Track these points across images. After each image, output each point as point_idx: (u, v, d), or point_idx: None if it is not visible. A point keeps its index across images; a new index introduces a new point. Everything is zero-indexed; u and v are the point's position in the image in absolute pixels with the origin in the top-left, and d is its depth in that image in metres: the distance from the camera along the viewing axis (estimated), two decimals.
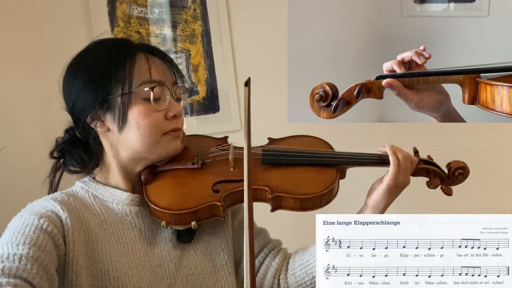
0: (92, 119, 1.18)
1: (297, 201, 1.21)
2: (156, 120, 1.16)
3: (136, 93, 1.15)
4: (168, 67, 1.21)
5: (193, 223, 1.17)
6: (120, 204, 1.20)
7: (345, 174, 1.32)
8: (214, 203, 1.18)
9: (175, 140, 1.21)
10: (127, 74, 1.15)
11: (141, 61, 1.17)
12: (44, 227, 1.06)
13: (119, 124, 1.16)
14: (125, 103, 1.15)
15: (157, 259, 1.19)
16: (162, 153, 1.20)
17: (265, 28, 2.05)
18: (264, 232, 1.37)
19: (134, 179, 1.23)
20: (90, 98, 1.16)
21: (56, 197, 1.16)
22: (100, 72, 1.16)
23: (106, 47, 1.20)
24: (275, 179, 1.23)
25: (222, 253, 1.27)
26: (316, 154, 1.29)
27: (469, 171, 1.32)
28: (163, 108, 1.17)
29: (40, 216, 1.08)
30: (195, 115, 2.10)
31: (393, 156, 1.23)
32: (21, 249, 0.99)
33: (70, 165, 1.24)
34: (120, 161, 1.21)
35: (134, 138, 1.16)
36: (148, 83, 1.16)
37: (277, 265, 1.32)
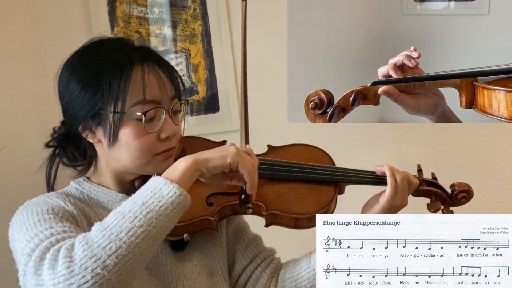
0: (83, 129, 1.15)
1: (292, 220, 1.20)
2: (147, 142, 1.12)
3: (128, 114, 1.10)
4: (168, 79, 1.15)
5: (185, 235, 1.15)
6: (114, 205, 1.16)
7: (343, 190, 1.30)
8: (207, 217, 1.16)
9: (167, 161, 1.15)
10: (121, 92, 1.09)
11: (136, 76, 1.10)
12: (62, 205, 1.08)
13: (109, 142, 1.12)
14: (116, 122, 1.10)
15: (153, 263, 1.18)
16: (152, 172, 1.12)
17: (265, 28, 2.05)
18: (258, 240, 1.35)
19: (128, 185, 1.21)
20: (83, 109, 1.12)
21: (53, 195, 1.16)
22: (94, 86, 1.11)
23: (103, 54, 1.14)
24: (271, 194, 1.21)
25: (217, 259, 1.26)
26: (315, 170, 1.26)
27: (473, 194, 1.30)
28: (156, 130, 1.12)
29: (52, 205, 1.08)
30: (195, 115, 2.10)
31: (391, 177, 1.22)
32: (55, 227, 1.00)
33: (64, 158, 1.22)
34: (112, 170, 1.19)
35: (124, 156, 1.13)
36: (141, 103, 1.10)
37: (267, 276, 1.29)
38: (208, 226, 1.18)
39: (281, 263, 1.35)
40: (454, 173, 1.91)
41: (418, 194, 1.29)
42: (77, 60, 1.16)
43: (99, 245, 0.91)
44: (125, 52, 1.14)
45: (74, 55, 1.18)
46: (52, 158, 1.24)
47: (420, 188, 1.28)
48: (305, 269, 1.26)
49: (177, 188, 0.98)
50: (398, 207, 1.23)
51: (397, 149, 1.95)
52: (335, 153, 1.35)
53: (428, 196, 1.30)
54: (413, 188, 1.26)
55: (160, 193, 0.97)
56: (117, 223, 0.94)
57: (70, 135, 1.20)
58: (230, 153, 1.05)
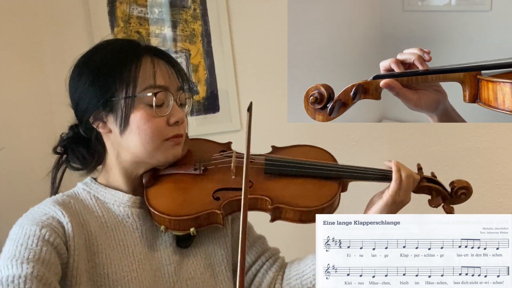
0: (94, 120, 1.17)
1: (297, 213, 1.21)
2: (157, 126, 1.16)
3: (139, 98, 1.15)
4: (175, 72, 1.20)
5: (192, 229, 1.16)
6: (121, 206, 1.19)
7: (346, 187, 1.31)
8: (214, 211, 1.17)
9: (176, 147, 1.20)
10: (132, 77, 1.14)
11: (146, 64, 1.16)
12: (46, 237, 1.07)
13: (120, 127, 1.15)
14: (127, 107, 1.14)
15: (157, 262, 1.19)
16: (162, 159, 1.19)
17: (265, 28, 2.05)
18: (262, 240, 1.36)
19: (136, 181, 1.22)
20: (94, 98, 1.16)
21: (57, 200, 1.16)
22: (105, 73, 1.15)
23: (113, 48, 1.19)
24: (276, 189, 1.23)
25: (221, 258, 1.26)
26: (319, 166, 1.27)
27: (472, 191, 1.31)
28: (165, 114, 1.16)
29: (42, 226, 1.08)
30: (195, 115, 2.10)
31: (397, 173, 1.22)
32: (26, 268, 0.99)
33: (72, 162, 1.24)
34: (121, 162, 1.20)
35: (135, 142, 1.16)
36: (152, 88, 1.15)
37: (273, 274, 1.31)
38: (215, 220, 1.19)
39: (285, 262, 1.36)
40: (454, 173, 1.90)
41: (418, 190, 1.30)
42: (88, 57, 1.20)
43: None
44: (134, 46, 1.19)
45: (85, 54, 1.21)
46: (58, 165, 1.25)
47: (421, 185, 1.29)
48: (310, 266, 1.27)
49: None
50: (401, 203, 1.23)
51: (397, 149, 1.95)
52: (335, 153, 1.36)
53: (428, 192, 1.31)
54: (416, 183, 1.27)
55: None
56: None
57: (79, 136, 1.22)
58: None
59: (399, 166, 1.23)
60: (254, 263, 1.32)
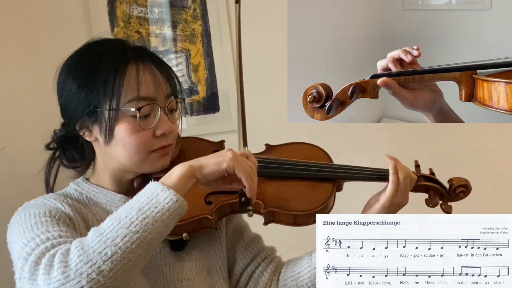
0: (80, 127, 1.16)
1: (290, 217, 1.20)
2: (143, 138, 1.13)
3: (122, 111, 1.12)
4: (164, 78, 1.16)
5: (184, 234, 1.15)
6: (113, 206, 1.18)
7: (342, 187, 1.30)
8: (205, 216, 1.16)
9: (163, 158, 1.17)
10: (116, 89, 1.11)
11: (131, 75, 1.12)
12: (57, 217, 1.06)
13: (105, 139, 1.13)
14: (111, 119, 1.11)
15: (151, 263, 1.18)
16: (149, 169, 1.16)
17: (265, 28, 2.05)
18: (258, 240, 1.35)
19: (127, 184, 1.21)
20: (79, 107, 1.13)
21: (52, 195, 1.16)
22: (90, 83, 1.12)
23: (99, 54, 1.16)
24: (269, 192, 1.21)
25: (216, 258, 1.26)
26: (313, 167, 1.26)
27: (471, 188, 1.30)
28: (151, 127, 1.13)
29: (49, 208, 1.08)
30: (195, 115, 2.10)
31: (394, 175, 1.21)
32: (52, 231, 1.00)
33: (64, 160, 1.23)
34: (110, 169, 1.19)
35: (121, 153, 1.14)
36: (135, 100, 1.11)
37: (268, 275, 1.30)
38: (207, 225, 1.18)
39: (281, 261, 1.35)
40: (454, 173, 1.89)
41: (416, 189, 1.29)
42: (73, 60, 1.18)
43: (94, 250, 0.91)
44: (121, 51, 1.16)
45: (71, 56, 1.19)
46: (52, 161, 1.24)
47: (418, 184, 1.28)
48: (306, 268, 1.26)
49: (173, 195, 0.98)
50: (398, 205, 1.23)
51: (397, 149, 1.95)
52: (335, 153, 1.35)
53: (426, 191, 1.30)
54: (413, 183, 1.26)
55: (156, 199, 0.98)
56: (113, 228, 0.94)
57: (69, 136, 1.21)
58: (226, 159, 1.05)
59: (396, 168, 1.22)
60: (250, 264, 1.31)
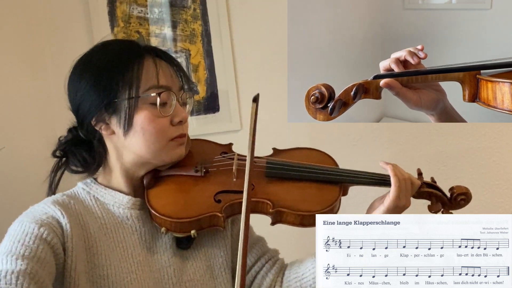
0: (97, 122, 1.17)
1: (298, 217, 1.21)
2: (161, 126, 1.16)
3: (142, 98, 1.14)
4: (176, 72, 1.20)
5: (193, 231, 1.17)
6: (121, 208, 1.19)
7: (347, 191, 1.31)
8: (215, 213, 1.17)
9: (180, 147, 1.20)
10: (135, 78, 1.14)
11: (149, 65, 1.16)
12: (44, 236, 1.06)
13: (124, 128, 1.15)
14: (131, 107, 1.14)
15: (156, 264, 1.18)
16: (166, 159, 1.19)
17: (265, 27, 2.05)
18: (262, 242, 1.36)
19: (137, 183, 1.22)
20: (96, 100, 1.15)
21: (57, 200, 1.16)
22: (107, 75, 1.15)
23: (114, 49, 1.19)
24: (278, 193, 1.23)
25: (220, 260, 1.26)
26: (321, 170, 1.27)
27: (471, 197, 1.31)
28: (169, 114, 1.17)
29: (41, 224, 1.08)
30: (195, 115, 2.10)
31: (394, 177, 1.22)
32: (19, 264, 0.99)
33: (72, 165, 1.23)
34: (123, 164, 1.20)
35: (139, 143, 1.15)
36: (155, 88, 1.15)
37: (272, 276, 1.31)
38: (216, 223, 1.19)
39: (285, 263, 1.35)
40: (454, 173, 1.91)
41: (419, 196, 1.30)
42: (87, 59, 1.19)
43: None
44: (135, 46, 1.19)
45: (84, 55, 1.20)
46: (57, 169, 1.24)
47: (421, 190, 1.29)
48: (310, 269, 1.27)
49: None
50: (402, 208, 1.23)
51: (397, 149, 1.95)
52: (335, 153, 1.36)
53: (428, 198, 1.31)
54: (415, 188, 1.27)
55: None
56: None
57: (79, 138, 1.21)
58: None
59: (395, 171, 1.23)
60: (254, 265, 1.32)
